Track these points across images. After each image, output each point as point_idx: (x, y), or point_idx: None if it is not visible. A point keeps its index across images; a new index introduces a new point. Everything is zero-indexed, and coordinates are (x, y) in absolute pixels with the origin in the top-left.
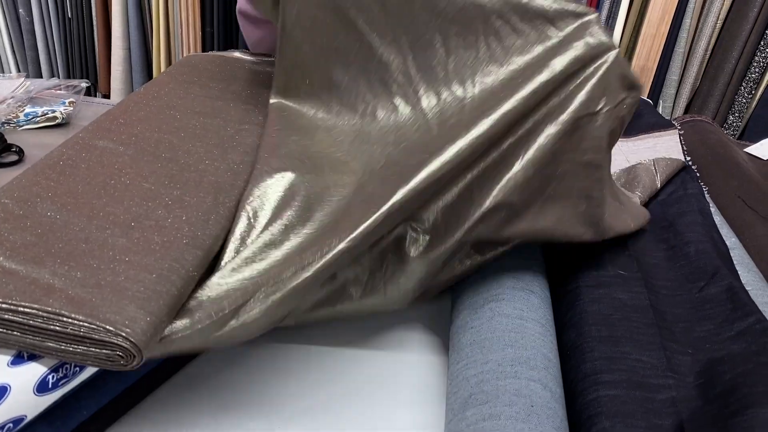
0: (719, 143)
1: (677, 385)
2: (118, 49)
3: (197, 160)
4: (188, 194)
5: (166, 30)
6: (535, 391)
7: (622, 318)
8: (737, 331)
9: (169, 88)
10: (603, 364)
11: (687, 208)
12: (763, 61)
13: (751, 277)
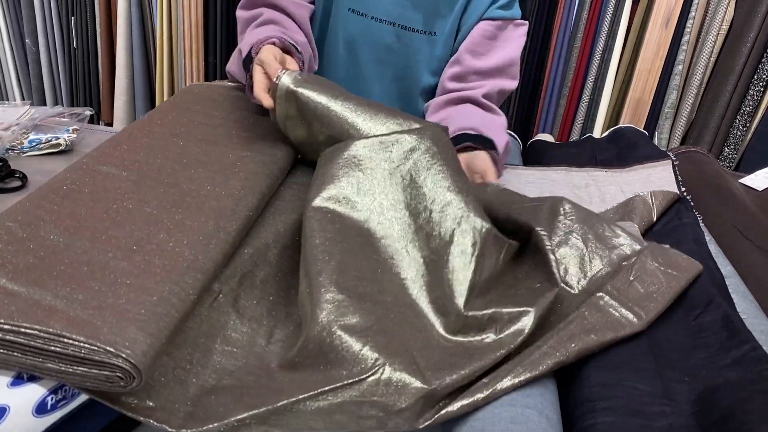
0: (714, 174)
1: (674, 413)
2: (121, 79)
3: (199, 186)
4: (190, 219)
5: (169, 60)
6: (531, 417)
7: (619, 346)
8: (733, 359)
9: (172, 116)
10: (600, 391)
11: (682, 237)
12: (756, 95)
13: (747, 305)
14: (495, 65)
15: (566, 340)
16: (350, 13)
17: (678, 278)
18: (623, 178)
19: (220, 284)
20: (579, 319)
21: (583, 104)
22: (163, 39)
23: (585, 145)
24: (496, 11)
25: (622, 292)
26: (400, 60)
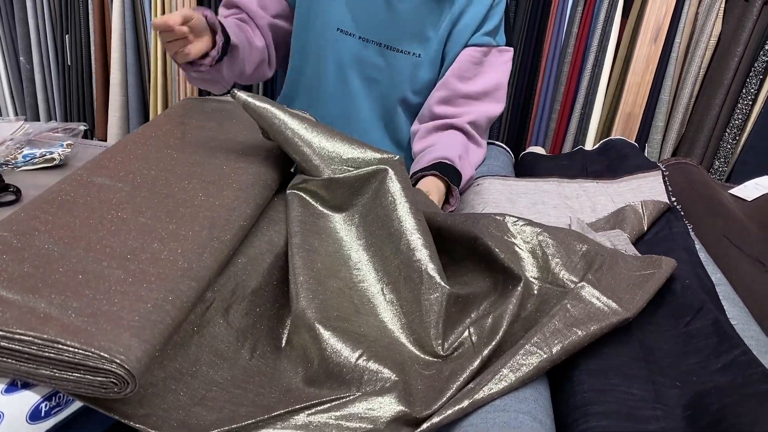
0: (704, 184)
1: (666, 417)
2: (115, 96)
3: (193, 196)
4: (183, 228)
5: (163, 77)
6: (524, 423)
7: (611, 352)
8: (723, 363)
9: (166, 129)
10: (593, 396)
11: (673, 246)
12: (745, 108)
13: (737, 312)
14: (481, 89)
15: (549, 336)
16: (339, 33)
17: (654, 274)
18: (614, 188)
19: (214, 293)
20: (562, 312)
21: (575, 118)
22: (157, 56)
23: (576, 157)
24: (481, 38)
25: (600, 282)
26: (385, 79)
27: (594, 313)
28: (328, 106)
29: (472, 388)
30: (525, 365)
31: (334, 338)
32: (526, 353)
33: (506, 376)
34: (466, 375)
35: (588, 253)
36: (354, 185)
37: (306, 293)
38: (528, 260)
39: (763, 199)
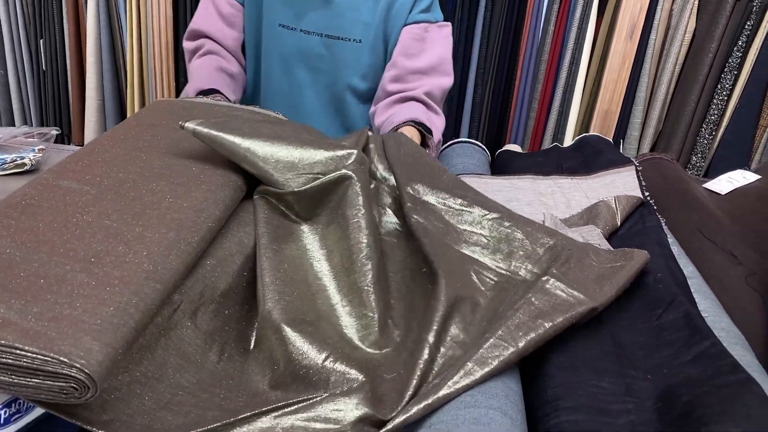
0: (678, 179)
1: (636, 410)
2: (92, 101)
3: (160, 198)
4: (150, 231)
5: (140, 81)
6: (494, 418)
7: (582, 346)
8: (694, 355)
9: (135, 131)
10: (564, 391)
11: (645, 240)
12: (720, 104)
13: (708, 304)
14: (429, 64)
15: (514, 329)
16: (281, 29)
17: (625, 266)
18: (588, 184)
19: (181, 295)
20: (526, 305)
21: (553, 116)
22: (133, 61)
23: (551, 153)
24: (417, 15)
25: (566, 274)
26: (330, 68)
27: (559, 304)
28: (276, 99)
29: (437, 383)
30: (491, 358)
31: (300, 340)
32: (492, 346)
33: (472, 369)
34: (420, 366)
35: (554, 247)
36: (315, 197)
37: (272, 294)
38: (490, 250)
39: (736, 192)
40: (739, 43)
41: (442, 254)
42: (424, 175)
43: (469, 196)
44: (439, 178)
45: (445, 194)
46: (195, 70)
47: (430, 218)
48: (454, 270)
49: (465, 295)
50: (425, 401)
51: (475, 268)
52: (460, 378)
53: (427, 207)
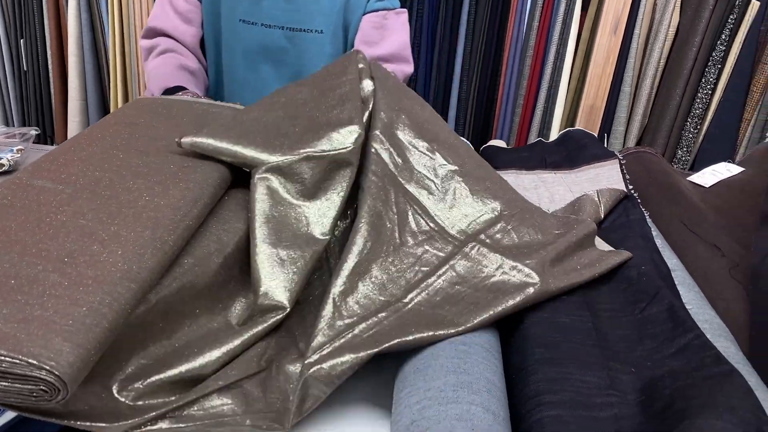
0: (662, 172)
1: (619, 403)
2: (74, 101)
3: (137, 197)
4: (125, 230)
5: (123, 80)
6: (477, 414)
7: (564, 340)
8: (677, 348)
9: (113, 129)
10: (546, 386)
11: (629, 233)
12: (705, 98)
13: (692, 296)
14: (389, 52)
15: (432, 294)
16: (241, 24)
17: (565, 234)
18: (571, 178)
19: (157, 294)
20: (449, 272)
21: (538, 112)
22: (116, 60)
23: (535, 148)
24: (376, 3)
25: (495, 240)
26: (293, 60)
27: (479, 270)
28: (241, 95)
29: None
30: (404, 316)
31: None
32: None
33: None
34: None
35: (495, 210)
36: (328, 167)
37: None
38: (435, 197)
39: (720, 185)
40: (722, 36)
41: (378, 196)
42: (404, 107)
43: (438, 140)
44: (419, 112)
45: (415, 133)
46: (154, 70)
47: (391, 151)
48: (382, 218)
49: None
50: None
51: (415, 208)
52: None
53: (394, 140)
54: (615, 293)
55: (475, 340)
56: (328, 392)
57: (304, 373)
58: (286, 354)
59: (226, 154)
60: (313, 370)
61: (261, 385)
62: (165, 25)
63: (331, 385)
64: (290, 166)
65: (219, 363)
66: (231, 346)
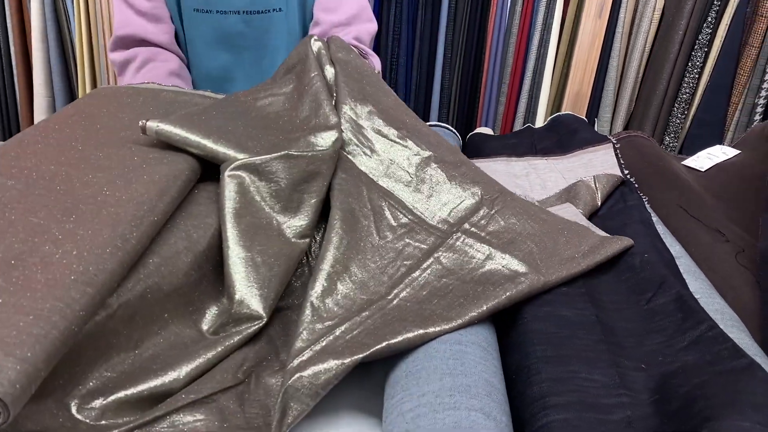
0: (656, 156)
1: (632, 404)
2: (40, 98)
3: (96, 192)
4: (82, 227)
5: (91, 75)
6: (477, 421)
7: (568, 336)
8: (689, 340)
9: (72, 121)
10: (551, 386)
11: (628, 220)
12: (692, 82)
13: (699, 285)
14: (350, 14)
15: (419, 289)
16: (196, 13)
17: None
18: (564, 164)
19: (118, 298)
20: (435, 264)
21: (523, 99)
22: (83, 55)
23: (524, 135)
24: None
25: (480, 227)
26: (254, 43)
27: (467, 261)
28: (206, 86)
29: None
30: (402, 327)
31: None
32: (395, 308)
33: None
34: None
35: (476, 196)
36: (306, 169)
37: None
38: (411, 189)
39: (716, 168)
40: (708, 19)
41: (350, 193)
42: (367, 95)
43: (407, 128)
44: (383, 100)
45: (382, 122)
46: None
47: (360, 145)
48: (355, 215)
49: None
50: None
51: (391, 202)
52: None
53: (361, 132)
54: (617, 284)
55: (471, 339)
56: (312, 405)
57: (285, 382)
58: (267, 366)
59: (194, 146)
60: (293, 379)
61: (238, 400)
62: (134, 31)
63: (315, 396)
64: (266, 164)
65: (190, 377)
66: (203, 359)
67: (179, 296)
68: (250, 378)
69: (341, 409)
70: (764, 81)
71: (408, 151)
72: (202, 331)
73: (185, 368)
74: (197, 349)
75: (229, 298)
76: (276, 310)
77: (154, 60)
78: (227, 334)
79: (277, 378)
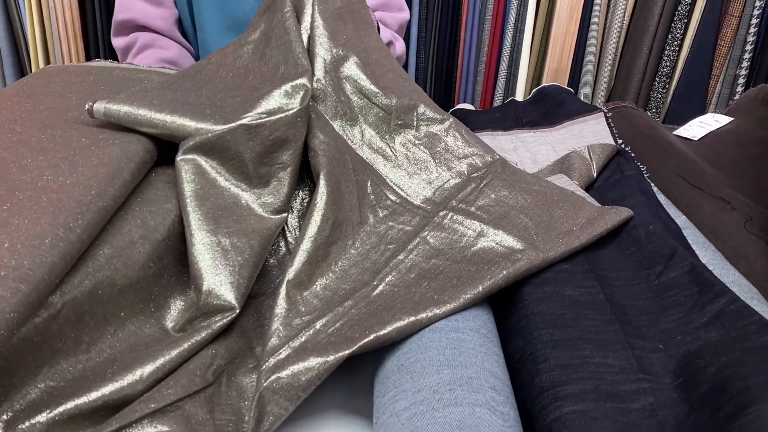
0: (648, 126)
1: (654, 389)
2: None
3: (36, 177)
4: (18, 216)
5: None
6: (483, 418)
7: (575, 317)
8: (710, 316)
9: (12, 101)
10: (562, 374)
11: (627, 190)
12: (673, 55)
13: (710, 256)
14: (379, 1)
15: (405, 272)
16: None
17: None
18: (553, 136)
19: (62, 296)
20: (422, 245)
21: (501, 78)
22: (36, 42)
23: (508, 108)
24: None
25: (469, 202)
26: None
27: (456, 240)
28: None
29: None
30: (375, 301)
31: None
32: (377, 291)
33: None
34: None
35: (463, 174)
36: (270, 137)
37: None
38: (392, 164)
39: (710, 136)
40: None
41: (335, 161)
42: (349, 38)
43: (389, 86)
44: (365, 42)
45: (365, 76)
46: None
47: (338, 103)
48: (340, 189)
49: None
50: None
51: (373, 178)
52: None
53: (340, 87)
54: (622, 258)
55: (468, 325)
56: (291, 409)
57: (260, 385)
58: (240, 363)
59: (147, 124)
60: (269, 380)
61: (207, 405)
62: (133, 15)
63: (294, 400)
64: (220, 139)
65: (152, 380)
66: (167, 358)
67: (136, 291)
68: (220, 378)
69: (325, 410)
70: (745, 52)
71: (390, 119)
72: (167, 329)
73: (146, 369)
74: (160, 348)
75: (196, 289)
76: (249, 297)
77: (151, 46)
78: (196, 329)
79: (251, 377)
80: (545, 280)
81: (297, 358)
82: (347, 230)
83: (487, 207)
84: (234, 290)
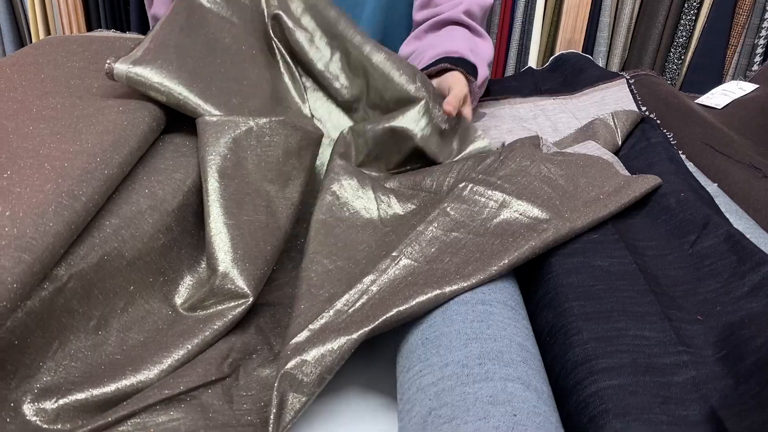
0: (671, 94)
1: (695, 362)
2: None
3: (38, 144)
4: (20, 185)
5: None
6: (516, 394)
7: (607, 288)
8: (751, 286)
9: (11, 70)
10: (597, 347)
11: (654, 158)
12: (689, 24)
13: (744, 224)
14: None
15: (425, 245)
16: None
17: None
18: (574, 103)
19: (69, 268)
20: (441, 217)
21: (513, 50)
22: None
23: (525, 76)
24: None
25: (489, 172)
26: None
27: (478, 211)
28: None
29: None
30: (396, 278)
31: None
32: (398, 266)
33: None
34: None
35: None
36: (300, 143)
37: None
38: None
39: (733, 105)
40: None
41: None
42: (341, 30)
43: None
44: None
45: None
46: None
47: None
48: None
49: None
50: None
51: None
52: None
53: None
54: (654, 227)
55: (496, 297)
56: (317, 393)
57: (281, 369)
58: (258, 356)
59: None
60: (291, 364)
61: (225, 395)
62: (161, 10)
63: (320, 383)
64: (263, 127)
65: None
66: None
67: (145, 264)
68: (237, 372)
69: (346, 389)
70: (764, 20)
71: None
72: (175, 306)
73: (163, 364)
74: (173, 339)
75: (211, 269)
76: (265, 305)
77: None
78: (208, 314)
79: (271, 368)
80: (574, 251)
81: (319, 339)
82: (360, 217)
83: (509, 176)
84: (248, 278)
